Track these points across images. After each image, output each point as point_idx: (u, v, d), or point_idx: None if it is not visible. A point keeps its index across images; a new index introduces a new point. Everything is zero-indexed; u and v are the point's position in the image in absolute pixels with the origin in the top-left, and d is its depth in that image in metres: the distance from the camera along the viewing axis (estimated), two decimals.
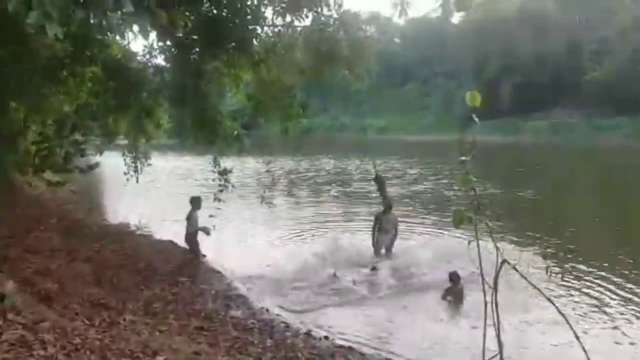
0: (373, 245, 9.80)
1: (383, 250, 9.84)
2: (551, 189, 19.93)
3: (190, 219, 9.21)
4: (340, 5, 8.34)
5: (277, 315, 6.78)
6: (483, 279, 2.37)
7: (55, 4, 2.58)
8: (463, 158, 2.34)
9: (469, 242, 2.37)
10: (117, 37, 8.22)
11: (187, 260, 9.11)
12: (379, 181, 10.65)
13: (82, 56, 9.52)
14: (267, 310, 6.94)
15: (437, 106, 65.17)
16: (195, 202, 9.38)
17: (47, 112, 12.51)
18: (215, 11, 7.75)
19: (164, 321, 5.69)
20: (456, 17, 71.95)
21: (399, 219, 10.53)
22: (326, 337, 6.08)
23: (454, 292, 7.73)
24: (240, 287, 8.01)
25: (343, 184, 20.70)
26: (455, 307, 7.48)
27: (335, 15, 8.57)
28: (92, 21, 3.16)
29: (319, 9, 8.24)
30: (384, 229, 9.77)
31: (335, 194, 18.42)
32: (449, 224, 10.97)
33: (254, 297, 7.53)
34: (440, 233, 11.70)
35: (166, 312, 6.05)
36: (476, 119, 2.31)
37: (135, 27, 4.11)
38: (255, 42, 8.64)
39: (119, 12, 3.41)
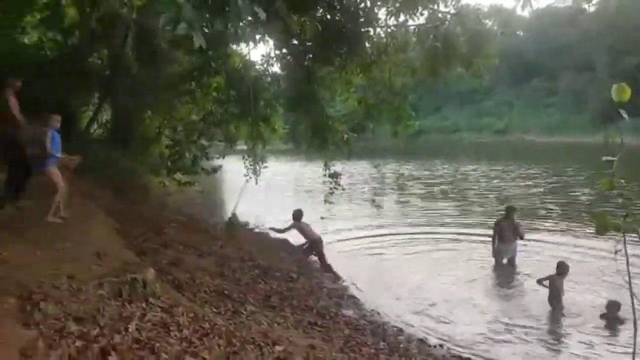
0: (493, 255, 9.26)
1: (505, 261, 9.24)
2: None
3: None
4: (458, 0, 8.02)
5: (392, 319, 6.70)
6: (633, 295, 2.09)
7: (199, 17, 2.82)
8: (609, 158, 2.08)
9: (615, 252, 2.09)
10: (240, 47, 8.84)
11: (299, 258, 9.43)
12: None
13: (208, 68, 10.44)
14: (378, 312, 6.91)
15: (564, 104, 57.80)
16: (297, 214, 9.55)
17: (178, 119, 13.93)
18: (328, 16, 7.95)
19: (280, 314, 5.95)
20: (589, 6, 64.49)
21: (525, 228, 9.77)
22: (441, 345, 5.88)
23: (609, 318, 6.68)
24: (350, 287, 8.10)
25: (456, 189, 19.84)
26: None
27: (452, 11, 8.27)
28: (228, 31, 3.39)
29: (435, 6, 8.00)
30: (504, 238, 9.18)
31: (446, 197, 17.70)
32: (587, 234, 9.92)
33: (364, 299, 7.56)
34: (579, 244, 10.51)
35: (283, 306, 6.31)
36: (625, 115, 2.02)
37: (258, 36, 4.34)
38: (367, 43, 8.68)
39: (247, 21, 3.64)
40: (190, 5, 2.67)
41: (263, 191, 17.08)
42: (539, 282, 7.27)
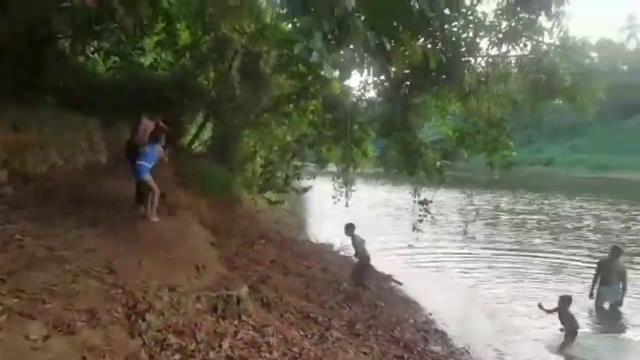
0: (591, 297, 8.46)
1: (606, 305, 8.41)
2: None
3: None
4: (564, 32, 7.60)
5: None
6: None
7: (329, 47, 2.96)
8: None
9: None
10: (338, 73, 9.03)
11: (385, 285, 9.27)
12: None
13: (306, 92, 10.80)
14: (468, 351, 6.54)
15: None
16: (350, 227, 9.10)
17: (273, 140, 14.51)
18: (429, 45, 7.90)
19: (365, 343, 5.85)
20: None
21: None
22: None
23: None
24: (437, 321, 7.77)
25: (553, 223, 18.43)
26: None
27: (557, 43, 7.85)
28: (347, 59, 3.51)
29: (540, 37, 7.64)
30: (607, 280, 8.38)
31: (542, 230, 16.46)
32: None
33: (452, 335, 7.20)
34: None
35: (368, 334, 6.21)
36: None
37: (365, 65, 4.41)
38: (466, 73, 8.48)
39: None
40: (320, 35, 2.80)
41: (350, 213, 17.20)
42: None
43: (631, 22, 56.96)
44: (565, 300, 7.46)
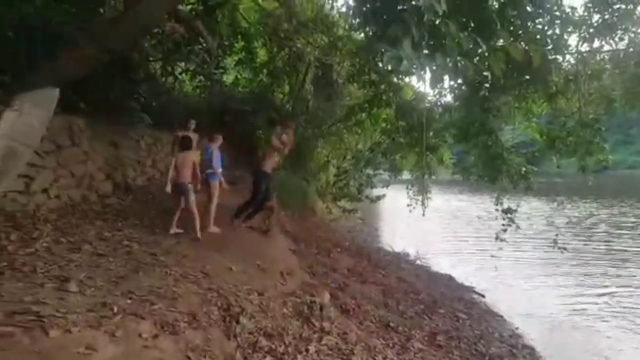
0: None
1: None
2: None
3: None
4: None
5: None
6: None
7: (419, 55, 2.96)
8: None
9: None
10: (411, 79, 8.93)
11: (466, 296, 8.95)
12: None
13: (379, 100, 10.80)
14: None
15: None
16: None
17: (346, 148, 14.64)
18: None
19: (448, 355, 5.69)
20: None
21: None
22: None
23: None
24: (525, 335, 7.36)
25: None
26: None
27: None
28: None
29: (638, 28, 7.06)
30: None
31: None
32: None
33: (541, 350, 6.80)
34: None
35: (450, 347, 6.03)
36: None
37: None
38: (553, 71, 8.02)
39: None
40: (410, 42, 2.81)
41: (426, 221, 16.82)
42: None
43: None
44: None
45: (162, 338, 3.09)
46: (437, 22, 3.31)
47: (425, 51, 3.32)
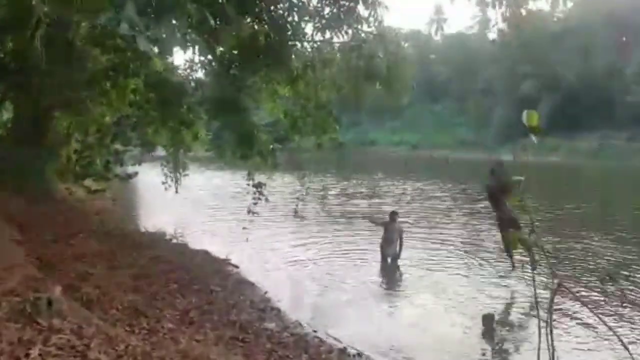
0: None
1: (389, 260, 9.99)
2: (600, 209, 19.39)
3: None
4: (380, 22, 8.36)
5: (312, 330, 6.75)
6: (537, 304, 2.31)
7: (143, 21, 2.70)
8: (519, 178, 2.30)
9: (513, 267, 2.28)
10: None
11: (222, 270, 9.22)
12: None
13: (125, 68, 9.90)
14: (300, 324, 6.93)
15: (471, 124, 65.05)
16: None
17: (90, 122, 13.04)
18: (256, 27, 7.93)
19: (200, 330, 5.74)
20: (493, 34, 70.78)
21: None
22: (359, 354, 6.02)
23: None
24: (273, 298, 8.04)
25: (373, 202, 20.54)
26: None
27: (374, 32, 8.60)
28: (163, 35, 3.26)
29: (359, 25, 8.28)
30: (387, 239, 9.94)
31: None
32: None
33: (286, 309, 7.54)
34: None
35: (202, 321, 6.10)
36: (534, 139, 2.24)
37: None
38: (293, 57, 8.76)
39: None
40: (133, 6, 2.54)
41: (183, 199, 16.55)
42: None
43: (438, 14, 65.76)
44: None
45: None
46: None
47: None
